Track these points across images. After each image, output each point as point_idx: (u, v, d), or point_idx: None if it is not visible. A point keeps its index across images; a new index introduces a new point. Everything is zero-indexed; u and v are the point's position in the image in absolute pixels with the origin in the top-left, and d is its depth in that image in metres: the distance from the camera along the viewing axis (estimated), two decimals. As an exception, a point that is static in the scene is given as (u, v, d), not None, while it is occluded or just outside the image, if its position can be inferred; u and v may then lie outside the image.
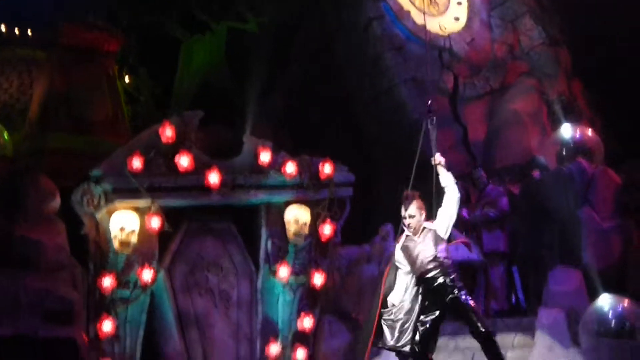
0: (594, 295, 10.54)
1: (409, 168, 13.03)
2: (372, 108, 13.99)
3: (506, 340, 10.53)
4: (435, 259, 8.30)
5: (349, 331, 11.18)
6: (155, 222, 10.49)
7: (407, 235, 8.45)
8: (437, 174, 8.50)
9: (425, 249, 8.34)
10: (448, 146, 13.45)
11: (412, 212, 8.38)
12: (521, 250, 12.01)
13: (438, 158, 8.43)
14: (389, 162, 13.28)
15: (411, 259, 8.35)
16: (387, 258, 11.22)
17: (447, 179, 8.39)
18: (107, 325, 10.17)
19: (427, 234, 8.39)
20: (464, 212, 11.93)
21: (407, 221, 8.38)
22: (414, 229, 8.38)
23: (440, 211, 8.40)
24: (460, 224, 11.40)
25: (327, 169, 11.15)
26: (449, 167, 8.54)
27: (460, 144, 13.84)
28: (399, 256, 8.48)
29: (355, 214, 11.50)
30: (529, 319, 10.79)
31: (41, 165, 10.91)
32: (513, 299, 12.18)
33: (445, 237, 8.38)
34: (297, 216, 11.04)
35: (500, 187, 12.38)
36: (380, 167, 13.54)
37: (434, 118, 8.43)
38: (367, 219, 12.06)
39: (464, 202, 11.92)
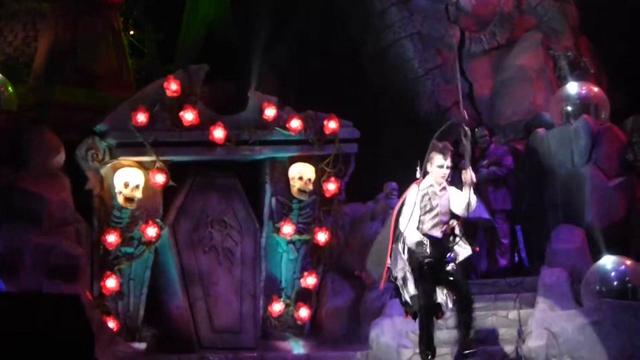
0: (596, 255, 10.39)
1: (414, 125, 12.96)
2: (377, 62, 13.72)
3: (508, 300, 10.47)
4: (447, 222, 8.05)
5: (353, 289, 11.14)
6: (159, 178, 10.41)
7: (430, 184, 8.06)
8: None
9: (444, 205, 8.04)
10: (453, 102, 13.17)
11: (449, 164, 8.04)
12: (525, 208, 11.87)
13: (469, 175, 7.87)
14: (394, 119, 13.06)
15: (428, 208, 8.01)
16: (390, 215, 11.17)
17: (470, 200, 7.85)
18: (111, 282, 10.13)
19: (445, 194, 8.11)
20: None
21: (444, 172, 7.97)
22: (442, 182, 8.05)
23: (457, 201, 8.01)
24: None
25: (332, 124, 11.01)
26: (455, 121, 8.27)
27: (466, 99, 13.57)
28: (413, 198, 7.96)
29: (360, 171, 11.37)
30: (532, 279, 10.68)
31: (46, 118, 10.71)
32: (516, 258, 12.03)
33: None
34: (301, 173, 10.93)
35: (504, 146, 12.13)
36: (386, 123, 13.30)
37: (468, 131, 7.99)
38: (372, 176, 11.89)
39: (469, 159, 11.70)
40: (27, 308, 7.30)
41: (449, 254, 8.02)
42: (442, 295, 8.09)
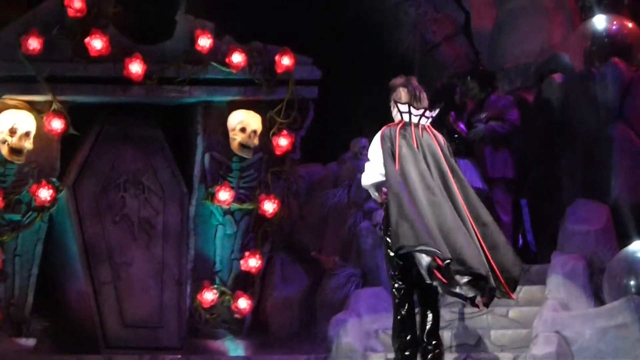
0: (624, 239, 10.56)
1: (392, 65, 13.03)
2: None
3: (509, 292, 10.68)
4: None
5: (307, 276, 11.31)
6: (56, 124, 10.40)
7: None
8: None
9: None
10: (445, 36, 13.30)
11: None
12: (533, 177, 12.01)
13: None
14: (366, 57, 13.13)
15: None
16: (358, 181, 11.30)
17: None
18: None
19: None
20: (461, 126, 11.82)
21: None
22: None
23: None
24: (457, 142, 11.33)
25: (285, 60, 11.07)
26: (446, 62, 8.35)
27: (461, 33, 13.69)
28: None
29: (320, 122, 11.46)
30: (540, 267, 10.83)
31: None
32: (520, 241, 12.21)
33: None
34: (244, 122, 10.99)
35: (508, 96, 12.27)
36: (355, 62, 13.37)
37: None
38: (336, 130, 11.97)
39: (461, 112, 11.83)
40: None
41: None
42: None
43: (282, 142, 11.10)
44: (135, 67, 10.53)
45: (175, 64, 10.73)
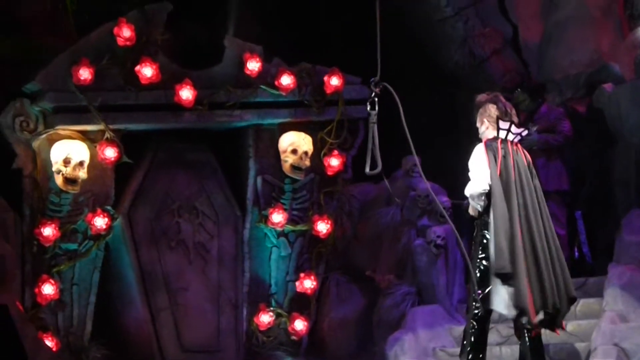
0: (683, 249, 10.47)
1: (441, 81, 12.97)
2: (392, 1, 13.70)
3: (567, 307, 10.58)
4: None
5: (363, 295, 11.26)
6: (109, 153, 10.46)
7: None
8: None
9: None
10: (493, 50, 13.23)
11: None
12: (587, 188, 11.90)
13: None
14: (415, 74, 13.10)
15: None
16: (411, 199, 11.25)
17: None
18: (48, 289, 10.20)
19: None
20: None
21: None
22: None
23: None
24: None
25: (334, 81, 11.10)
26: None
27: (509, 47, 13.62)
28: None
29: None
30: (597, 279, 10.73)
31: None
32: (576, 253, 12.11)
33: None
34: (295, 144, 11.01)
35: (559, 107, 12.19)
36: (403, 79, 13.30)
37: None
38: (387, 149, 11.91)
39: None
40: None
41: None
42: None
43: (334, 162, 11.12)
44: (186, 93, 10.59)
45: (225, 89, 10.79)
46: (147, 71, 10.49)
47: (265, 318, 10.86)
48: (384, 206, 11.54)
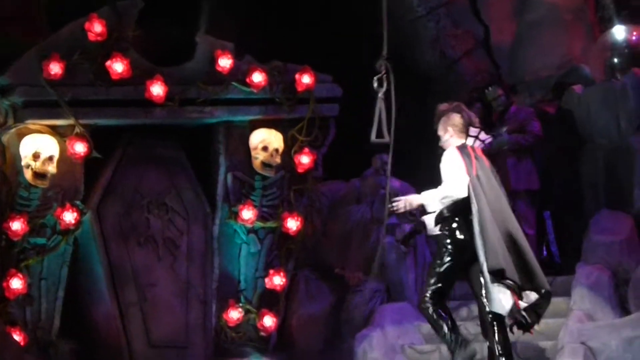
0: (649, 249, 10.54)
1: (412, 81, 12.97)
2: (365, 0, 13.73)
3: (534, 305, 10.61)
4: None
5: (332, 292, 11.29)
6: (79, 147, 10.45)
7: None
8: None
9: None
10: (465, 51, 13.28)
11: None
12: (556, 189, 11.94)
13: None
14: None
15: None
16: (381, 197, 11.28)
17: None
18: (16, 283, 10.16)
19: None
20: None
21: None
22: None
23: None
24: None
25: (305, 79, 11.10)
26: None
27: (481, 48, 13.65)
28: None
29: (342, 139, 11.48)
30: (564, 278, 10.79)
31: None
32: (544, 252, 12.16)
33: None
34: (266, 141, 11.02)
35: (529, 108, 12.23)
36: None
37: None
38: (357, 147, 11.94)
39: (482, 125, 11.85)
40: None
41: None
42: None
43: (304, 159, 11.13)
44: (157, 89, 10.57)
45: (197, 85, 10.79)
46: (118, 67, 10.46)
47: (234, 314, 10.86)
48: (353, 204, 11.61)
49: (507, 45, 13.67)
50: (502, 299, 8.39)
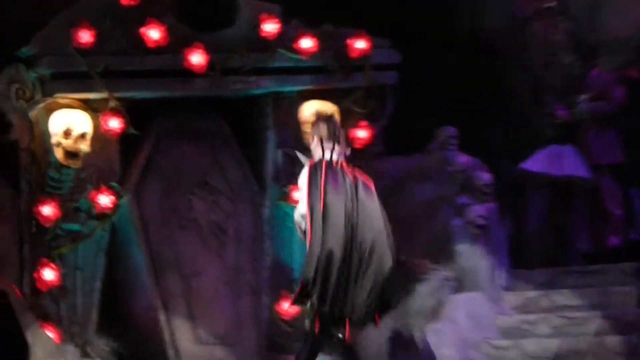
0: None
1: (477, 45, 13.15)
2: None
3: (624, 296, 10.99)
4: None
5: (397, 280, 11.20)
6: (114, 123, 10.64)
7: None
8: None
9: None
10: (537, 8, 13.48)
11: None
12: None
13: None
14: (447, 37, 13.25)
15: None
16: (449, 174, 11.50)
17: None
18: (48, 274, 10.31)
19: None
20: (560, 110, 12.02)
21: None
22: None
23: None
24: (555, 126, 11.52)
25: (360, 44, 11.25)
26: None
27: (556, 5, 13.71)
28: None
29: (402, 110, 11.66)
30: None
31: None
32: (631, 234, 12.33)
33: None
34: (319, 113, 11.13)
35: (611, 72, 12.40)
36: (435, 43, 13.50)
37: None
38: (420, 118, 12.11)
39: (557, 93, 12.04)
40: None
41: None
42: None
43: (361, 134, 11.27)
44: (197, 58, 10.71)
45: (240, 53, 10.91)
46: (153, 33, 10.60)
47: (289, 305, 10.83)
48: (417, 182, 11.72)
49: (586, 2, 13.80)
50: None
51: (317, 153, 9.47)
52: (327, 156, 9.42)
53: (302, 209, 9.33)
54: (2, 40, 10.69)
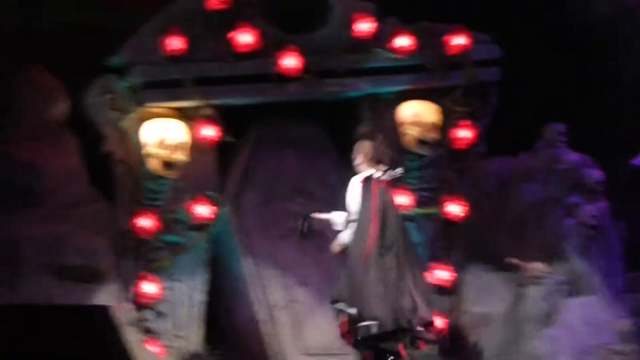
0: None
1: (588, 36, 13.01)
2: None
3: None
4: None
5: (507, 286, 11.35)
6: (209, 131, 10.82)
7: None
8: None
9: None
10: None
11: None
12: None
13: None
14: (552, 28, 13.18)
15: None
16: (559, 172, 11.46)
17: None
18: (149, 288, 10.53)
19: None
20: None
21: None
22: None
23: None
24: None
25: (460, 40, 11.35)
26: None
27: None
28: None
29: (507, 108, 11.66)
30: None
31: (37, 52, 11.07)
32: None
33: None
34: (418, 115, 11.30)
35: None
36: (540, 36, 13.41)
37: None
38: (525, 116, 12.05)
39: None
40: (38, 325, 7.61)
41: None
42: None
43: (464, 134, 11.34)
44: (291, 61, 10.87)
45: (335, 54, 11.04)
46: (245, 37, 10.79)
47: None
48: (525, 182, 11.67)
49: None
50: None
51: (362, 169, 9.71)
52: (377, 175, 9.60)
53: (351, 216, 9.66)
54: (92, 49, 10.88)
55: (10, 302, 9.54)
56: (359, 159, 9.69)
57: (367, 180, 9.54)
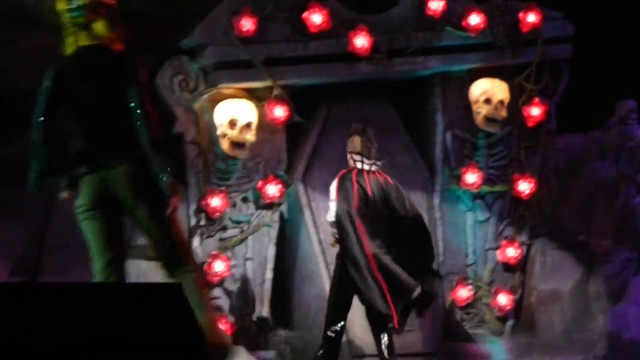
0: None
1: None
2: None
3: None
4: None
5: (576, 263, 11.56)
6: (279, 112, 11.08)
7: None
8: None
9: None
10: None
11: None
12: None
13: None
14: (630, 2, 13.20)
15: None
16: (630, 150, 11.61)
17: None
18: (218, 266, 10.84)
19: None
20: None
21: None
22: None
23: None
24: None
25: (531, 17, 11.46)
26: None
27: None
28: None
29: (578, 85, 11.79)
30: None
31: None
32: None
33: None
34: (488, 92, 11.45)
35: None
36: (617, 11, 13.41)
37: None
38: (597, 93, 12.15)
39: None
40: (110, 304, 7.97)
41: None
42: None
43: (535, 111, 11.47)
44: (361, 41, 11.05)
45: (405, 33, 11.22)
46: (316, 18, 10.99)
47: (463, 292, 11.25)
48: (596, 160, 11.83)
49: None
50: None
51: (350, 163, 10.04)
52: (359, 166, 9.98)
53: (330, 216, 10.01)
54: (165, 32, 11.14)
55: (83, 281, 9.92)
56: (348, 155, 10.11)
57: (345, 177, 9.96)
